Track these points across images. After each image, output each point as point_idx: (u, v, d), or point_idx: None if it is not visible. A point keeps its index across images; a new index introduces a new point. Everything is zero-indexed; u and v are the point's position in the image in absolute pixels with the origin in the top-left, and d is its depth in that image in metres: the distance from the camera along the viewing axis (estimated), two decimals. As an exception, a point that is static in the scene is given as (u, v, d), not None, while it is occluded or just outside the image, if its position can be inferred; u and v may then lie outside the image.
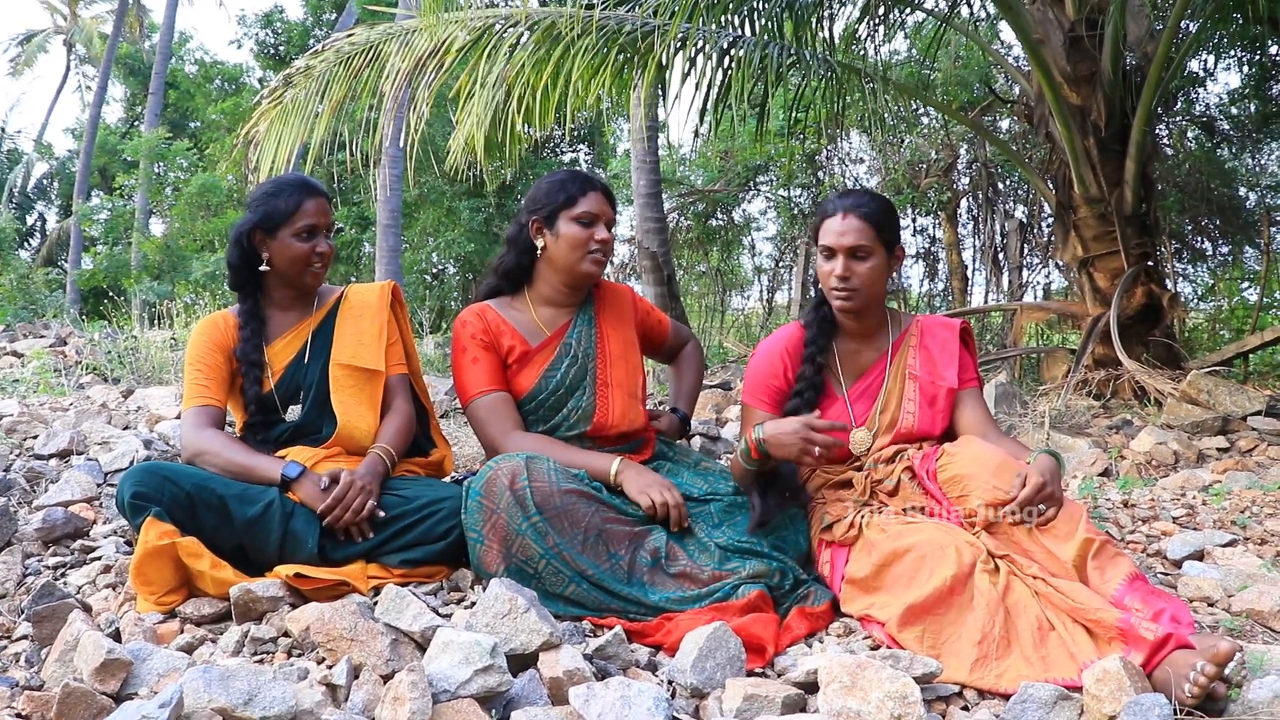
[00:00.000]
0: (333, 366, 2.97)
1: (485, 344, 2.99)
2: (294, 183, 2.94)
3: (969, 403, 2.87)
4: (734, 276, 19.81)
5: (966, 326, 3.00)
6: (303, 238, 2.89)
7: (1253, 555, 3.02)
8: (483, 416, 2.94)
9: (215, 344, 2.93)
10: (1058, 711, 1.89)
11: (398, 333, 3.15)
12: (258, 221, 2.89)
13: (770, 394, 2.89)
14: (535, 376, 2.99)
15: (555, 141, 19.48)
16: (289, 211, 2.88)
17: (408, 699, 1.76)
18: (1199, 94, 13.22)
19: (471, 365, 2.97)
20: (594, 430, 3.00)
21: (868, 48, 7.48)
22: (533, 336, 3.04)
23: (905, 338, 2.94)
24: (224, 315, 3.02)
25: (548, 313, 3.08)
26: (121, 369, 6.56)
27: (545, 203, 2.99)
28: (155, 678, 1.98)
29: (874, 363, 2.93)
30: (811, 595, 2.53)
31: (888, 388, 2.88)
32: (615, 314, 3.19)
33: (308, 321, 3.04)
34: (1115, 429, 5.77)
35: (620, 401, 3.04)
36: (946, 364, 2.89)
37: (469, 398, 2.97)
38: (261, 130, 7.03)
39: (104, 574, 2.70)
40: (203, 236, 20.07)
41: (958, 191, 14.63)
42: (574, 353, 3.02)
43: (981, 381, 3.00)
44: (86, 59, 31.80)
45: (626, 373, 3.11)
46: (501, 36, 6.39)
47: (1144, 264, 7.33)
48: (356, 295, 3.13)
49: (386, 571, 2.62)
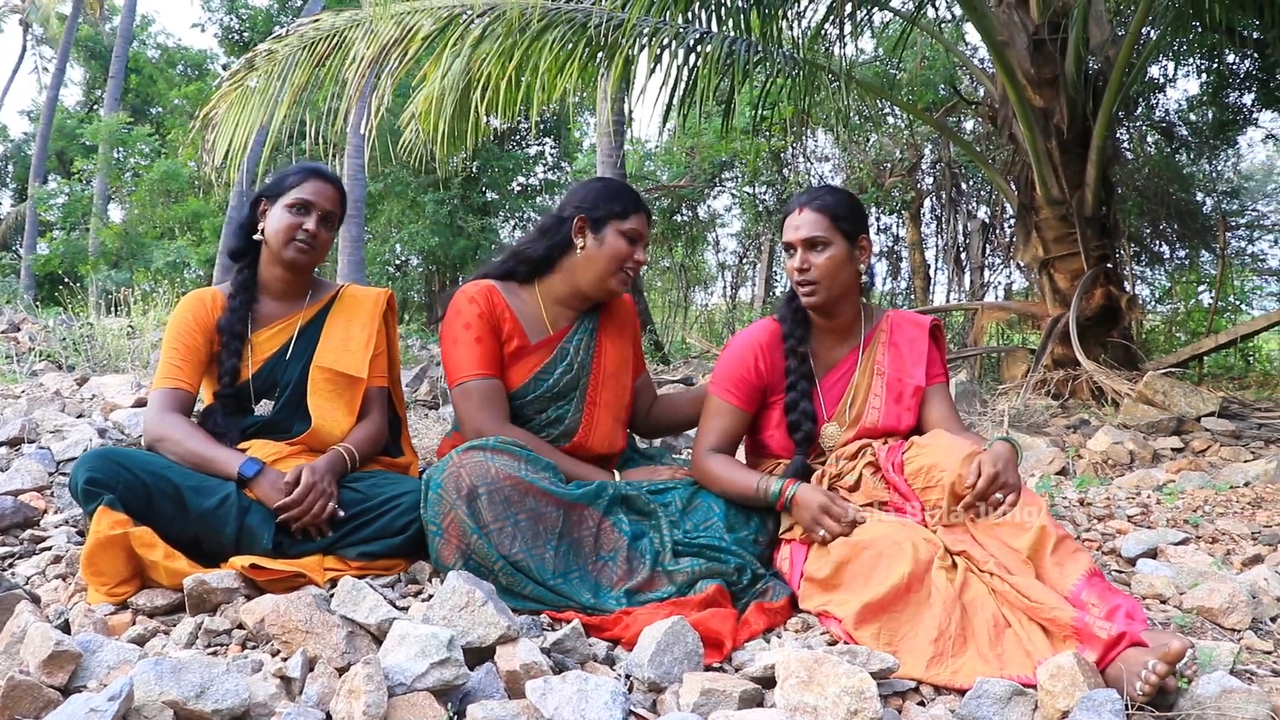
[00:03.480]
0: (314, 368, 2.93)
1: (490, 326, 2.88)
2: (310, 166, 3.01)
3: (935, 398, 2.89)
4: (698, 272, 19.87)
5: (937, 324, 3.01)
6: (295, 211, 2.89)
7: (1204, 553, 3.06)
8: (476, 401, 2.83)
9: (198, 322, 2.88)
10: (1012, 707, 1.90)
11: (385, 343, 3.10)
12: (266, 188, 2.98)
13: (741, 388, 2.87)
14: (527, 375, 2.92)
15: (522, 134, 19.43)
16: (291, 185, 2.92)
17: (363, 692, 1.75)
18: (1159, 100, 13.40)
19: (475, 344, 2.85)
20: (572, 449, 2.94)
21: (834, 46, 7.51)
22: (534, 332, 2.95)
23: (876, 333, 2.95)
24: (212, 292, 2.97)
25: (554, 310, 3.00)
26: (77, 356, 6.47)
27: (598, 206, 2.93)
28: (105, 670, 1.95)
29: (845, 357, 2.93)
30: (770, 591, 2.53)
31: (856, 382, 2.89)
32: (617, 327, 3.12)
33: (297, 315, 3.01)
34: (1073, 428, 5.84)
35: (604, 424, 3.00)
36: (915, 361, 2.90)
37: (465, 376, 2.85)
38: (220, 112, 6.95)
39: (54, 564, 2.66)
40: (163, 224, 19.84)
41: (921, 191, 14.74)
42: (570, 359, 2.96)
43: (949, 377, 3.01)
44: (44, 40, 31.29)
45: (617, 392, 3.06)
46: (468, 26, 6.35)
47: (1103, 266, 7.42)
48: (351, 297, 3.10)
49: (344, 564, 2.59)
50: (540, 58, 6.23)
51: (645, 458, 3.18)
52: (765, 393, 2.91)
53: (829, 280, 2.79)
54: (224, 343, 2.88)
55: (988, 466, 2.39)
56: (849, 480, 2.71)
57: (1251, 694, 1.90)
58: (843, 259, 2.81)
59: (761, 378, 2.88)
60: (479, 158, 17.23)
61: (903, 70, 12.81)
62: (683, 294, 19.17)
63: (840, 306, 2.88)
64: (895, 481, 2.63)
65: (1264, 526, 3.43)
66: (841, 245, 2.80)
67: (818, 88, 7.61)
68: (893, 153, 14.38)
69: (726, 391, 2.88)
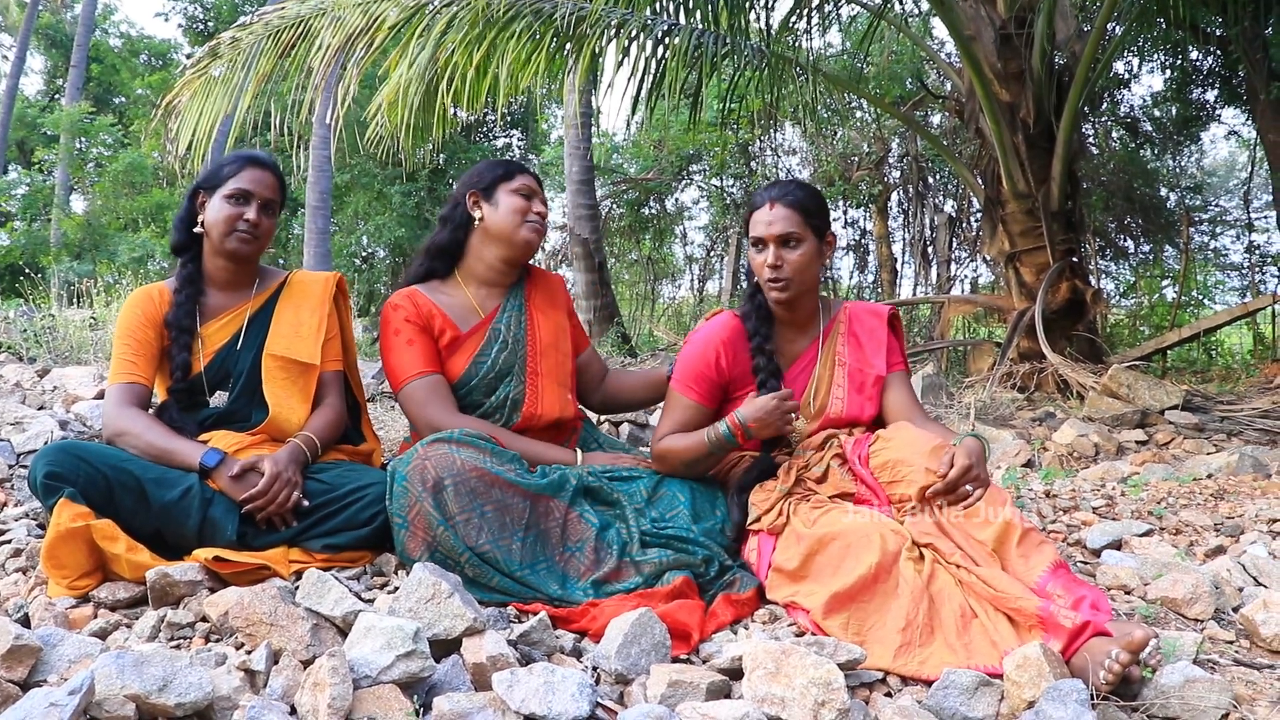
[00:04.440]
0: (266, 356, 2.91)
1: (420, 327, 2.95)
2: (244, 154, 2.97)
3: (895, 387, 2.91)
4: (665, 265, 19.87)
5: (895, 313, 3.05)
6: (234, 201, 2.87)
7: (1168, 545, 3.09)
8: (422, 398, 2.89)
9: (147, 317, 2.86)
10: (979, 697, 1.91)
11: (337, 327, 3.09)
12: (201, 180, 2.95)
13: (702, 384, 2.87)
14: (465, 363, 2.97)
15: (489, 126, 19.37)
16: (228, 175, 2.89)
17: (328, 684, 1.73)
18: (1123, 95, 13.54)
19: (407, 347, 2.93)
20: (524, 421, 2.99)
21: (802, 40, 7.52)
22: (463, 321, 3.01)
23: (835, 325, 2.97)
24: (158, 287, 2.95)
25: (480, 293, 3.07)
26: (38, 348, 6.37)
27: (484, 176, 3.04)
28: (66, 664, 1.92)
29: (805, 350, 2.95)
30: (737, 582, 2.53)
31: (818, 374, 2.90)
32: (546, 299, 3.18)
33: (245, 305, 2.98)
34: (1038, 421, 5.88)
35: (550, 391, 3.04)
36: (875, 351, 2.93)
37: (405, 379, 2.92)
38: (184, 101, 6.88)
39: (14, 558, 2.62)
40: (126, 215, 19.63)
41: (888, 185, 14.80)
42: (503, 338, 3.01)
43: (908, 365, 3.03)
44: (3, 27, 30.85)
45: (557, 360, 3.10)
46: (435, 16, 6.31)
47: (1069, 260, 7.48)
48: (300, 283, 3.08)
49: (309, 556, 2.57)
50: (507, 48, 6.20)
51: (608, 447, 3.18)
52: (726, 389, 2.91)
53: (800, 276, 2.81)
54: (173, 338, 2.86)
55: (960, 458, 2.41)
56: (816, 471, 2.72)
57: (1214, 683, 1.92)
58: (813, 255, 2.83)
59: (723, 374, 2.88)
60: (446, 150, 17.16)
61: (870, 64, 12.86)
62: (650, 287, 19.17)
63: (804, 300, 2.91)
64: (862, 474, 2.64)
65: (1226, 518, 3.47)
66: (812, 242, 2.83)
67: (785, 81, 7.63)
68: (860, 146, 14.43)
69: (687, 387, 2.88)
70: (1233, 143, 15.83)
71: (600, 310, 11.89)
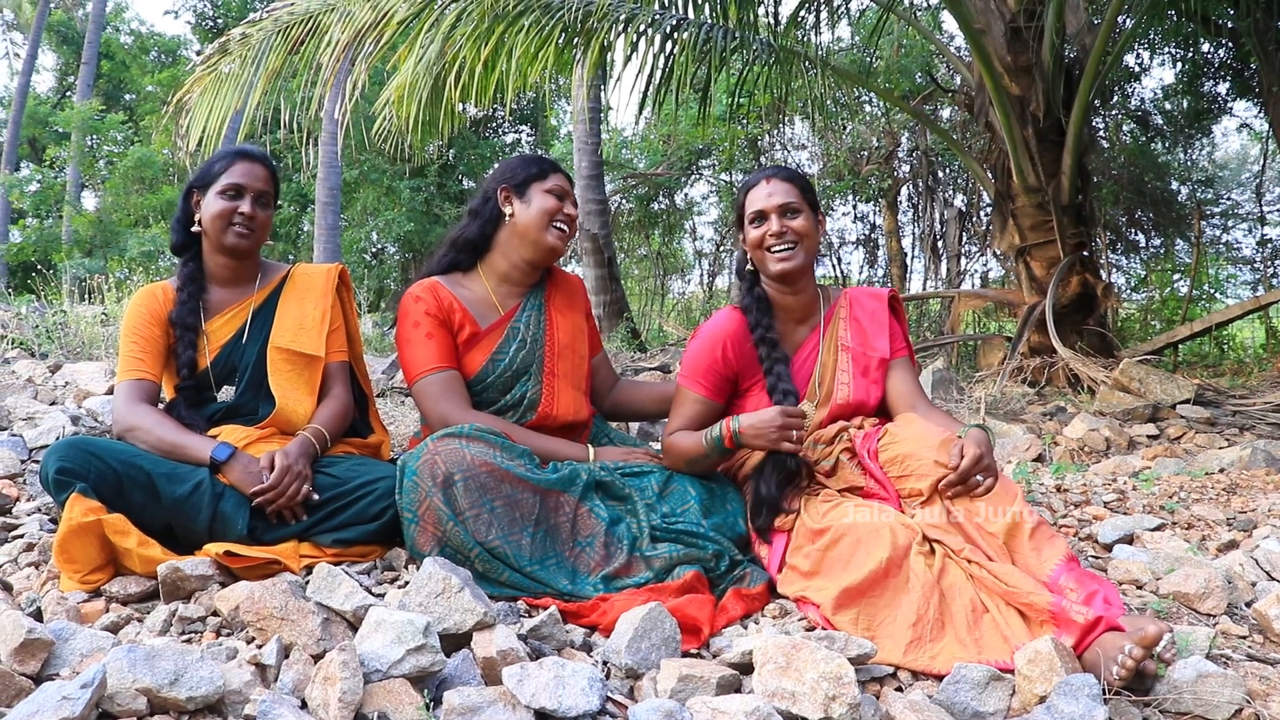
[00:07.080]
0: (270, 349, 2.92)
1: (440, 320, 2.95)
2: (236, 149, 2.98)
3: (899, 372, 2.91)
4: (675, 260, 19.84)
5: (895, 295, 3.05)
6: (227, 196, 2.89)
7: (1180, 539, 3.08)
8: (436, 393, 2.89)
9: (152, 315, 2.88)
10: (990, 692, 1.91)
11: (341, 318, 3.10)
12: (194, 179, 2.96)
13: (709, 378, 2.87)
14: (483, 359, 2.96)
15: (498, 121, 19.36)
16: (219, 172, 2.91)
17: (339, 679, 1.73)
18: (1134, 88, 13.47)
19: (426, 340, 2.92)
20: (538, 421, 2.98)
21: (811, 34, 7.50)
22: (483, 317, 3.00)
23: (835, 310, 2.97)
24: (162, 286, 2.97)
25: (501, 289, 3.06)
26: (50, 344, 6.39)
27: (518, 173, 3.03)
28: (78, 658, 1.93)
29: (807, 338, 2.95)
30: (748, 577, 2.53)
31: (822, 360, 2.90)
32: (566, 300, 3.17)
33: (249, 300, 3.00)
34: (1049, 415, 5.86)
35: (565, 393, 3.04)
36: (877, 333, 2.93)
37: (421, 373, 2.91)
38: (194, 97, 6.90)
39: (26, 552, 2.63)
40: (137, 211, 19.69)
41: (898, 179, 14.76)
42: (522, 336, 3.01)
43: (912, 351, 3.03)
44: (15, 25, 30.96)
45: (574, 362, 3.10)
46: (444, 11, 6.31)
47: (1079, 254, 7.45)
48: (302, 276, 3.09)
49: (319, 551, 2.57)
50: (515, 43, 6.20)
51: (619, 442, 3.18)
52: (734, 382, 2.91)
53: (805, 242, 2.83)
54: (178, 335, 2.87)
55: (970, 449, 2.40)
56: (826, 465, 2.71)
57: (1227, 678, 1.91)
58: (813, 226, 2.86)
59: (730, 367, 2.88)
60: (455, 145, 17.17)
61: (879, 58, 12.83)
62: (660, 282, 19.16)
63: (806, 278, 2.91)
64: (871, 468, 2.63)
65: (1239, 512, 3.46)
66: (809, 215, 2.86)
67: (794, 75, 7.61)
68: (869, 140, 14.39)
69: (695, 382, 2.89)
70: (1244, 136, 15.76)
71: (610, 305, 11.90)
